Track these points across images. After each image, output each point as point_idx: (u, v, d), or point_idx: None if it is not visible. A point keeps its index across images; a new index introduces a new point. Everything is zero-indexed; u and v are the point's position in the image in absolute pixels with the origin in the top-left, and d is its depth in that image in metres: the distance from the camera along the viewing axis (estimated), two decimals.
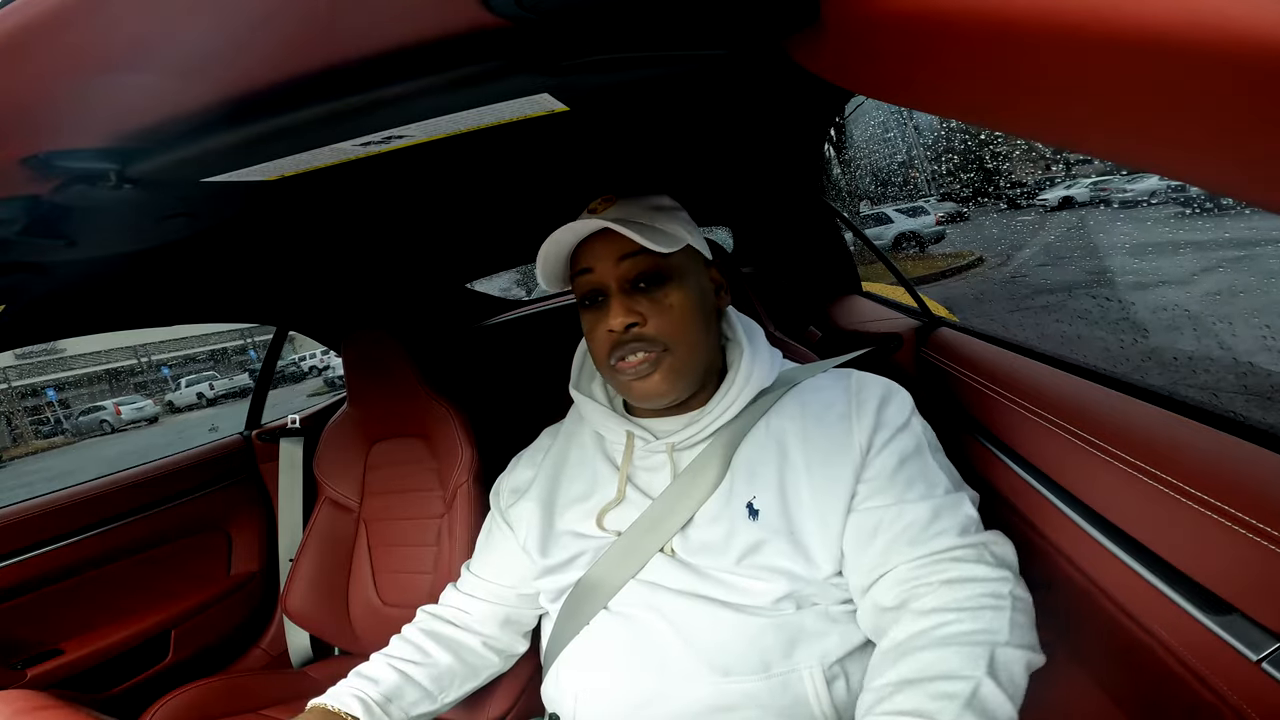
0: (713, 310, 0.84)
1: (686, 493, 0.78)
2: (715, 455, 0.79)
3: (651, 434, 0.84)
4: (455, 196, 1.27)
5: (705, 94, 1.01)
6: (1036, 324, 4.47)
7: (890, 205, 9.20)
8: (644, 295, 0.79)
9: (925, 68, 0.38)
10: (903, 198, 9.34)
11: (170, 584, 1.58)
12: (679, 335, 0.78)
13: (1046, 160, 7.27)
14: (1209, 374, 2.33)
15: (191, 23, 0.43)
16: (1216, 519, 0.57)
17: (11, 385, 23.51)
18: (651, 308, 0.78)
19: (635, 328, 0.78)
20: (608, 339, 0.79)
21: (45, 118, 0.52)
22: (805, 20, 0.49)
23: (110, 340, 24.46)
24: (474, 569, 0.97)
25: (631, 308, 0.77)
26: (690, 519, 0.78)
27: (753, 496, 0.76)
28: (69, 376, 25.12)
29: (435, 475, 1.37)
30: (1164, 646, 0.63)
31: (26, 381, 24.15)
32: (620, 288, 0.79)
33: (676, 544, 0.78)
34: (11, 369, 23.62)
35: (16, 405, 23.47)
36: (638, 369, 0.78)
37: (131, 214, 0.78)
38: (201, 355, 28.51)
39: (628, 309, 0.77)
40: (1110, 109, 0.28)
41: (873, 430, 0.76)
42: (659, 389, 0.79)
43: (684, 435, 0.81)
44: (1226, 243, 4.06)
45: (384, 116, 0.61)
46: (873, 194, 9.89)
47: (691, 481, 0.79)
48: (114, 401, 22.83)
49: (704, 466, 0.79)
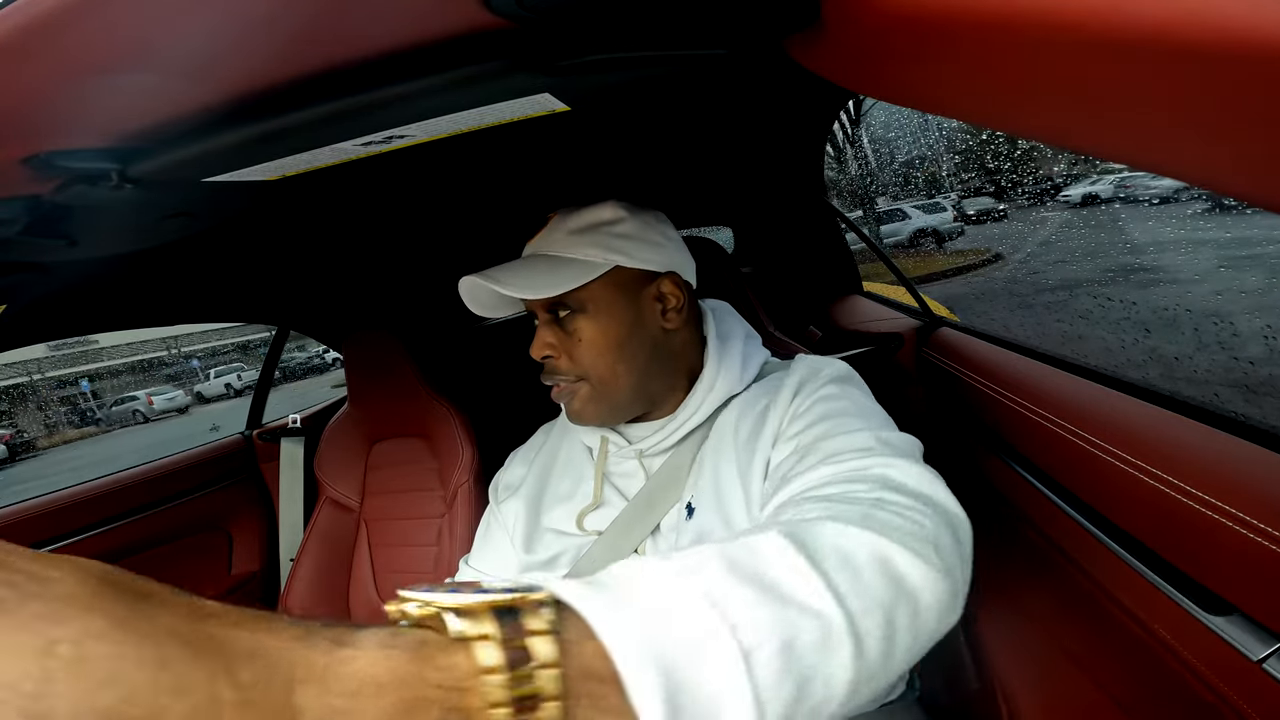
0: (652, 333, 0.81)
1: (655, 499, 0.79)
2: (682, 460, 0.80)
3: (625, 439, 0.85)
4: (456, 196, 1.27)
5: (706, 94, 1.01)
6: (1038, 322, 4.42)
7: (907, 202, 9.09)
8: (560, 326, 0.79)
9: (926, 68, 0.38)
10: (921, 194, 9.21)
11: (171, 583, 1.57)
12: (591, 367, 0.78)
13: (1070, 157, 7.05)
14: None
15: (193, 23, 0.43)
16: (1218, 519, 0.57)
17: (46, 376, 23.73)
18: (565, 340, 0.79)
19: (550, 359, 0.79)
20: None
21: (46, 117, 0.52)
22: (805, 20, 0.49)
23: (142, 332, 24.84)
24: (472, 563, 0.97)
25: (546, 340, 0.79)
26: (657, 526, 0.79)
27: (691, 496, 0.77)
28: (102, 368, 25.33)
29: (436, 475, 1.37)
30: (1165, 646, 0.63)
31: (61, 372, 24.36)
32: (542, 318, 0.80)
33: (648, 548, 0.79)
34: (46, 360, 23.80)
35: (51, 396, 23.65)
36: (560, 396, 0.80)
37: (133, 214, 0.78)
38: (228, 347, 28.80)
39: (542, 341, 0.79)
40: (1111, 110, 0.28)
41: (795, 391, 0.75)
42: (582, 415, 0.80)
43: (653, 440, 0.82)
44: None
45: (385, 116, 0.61)
46: (892, 190, 9.78)
47: (659, 487, 0.80)
48: (146, 392, 23.24)
49: (671, 472, 0.80)
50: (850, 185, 9.69)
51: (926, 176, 9.51)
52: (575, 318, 0.78)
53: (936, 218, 8.42)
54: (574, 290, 0.77)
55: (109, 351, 25.77)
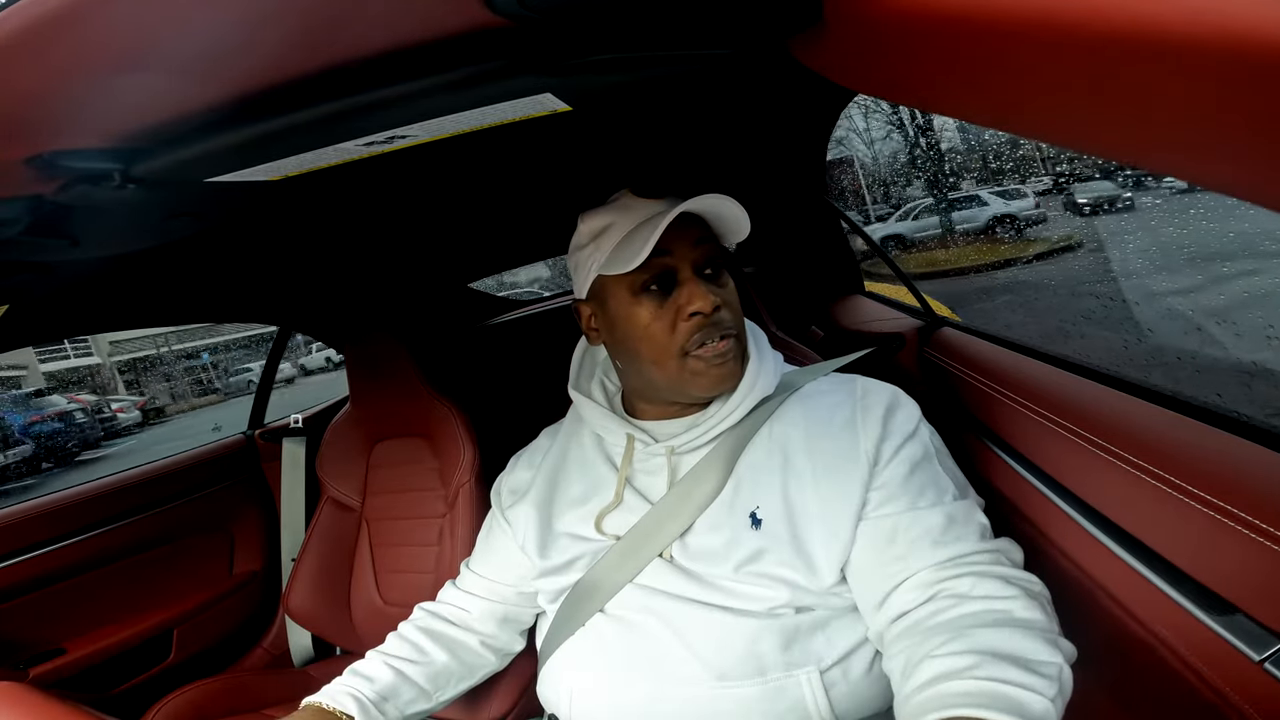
0: None
1: (686, 499, 0.78)
2: (717, 461, 0.78)
3: (651, 436, 0.83)
4: (458, 196, 1.27)
5: (708, 94, 1.01)
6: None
7: (986, 189, 8.62)
8: (712, 282, 0.78)
9: (928, 67, 0.38)
10: (1004, 179, 8.68)
11: (173, 583, 1.58)
12: (740, 322, 0.78)
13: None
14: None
15: (195, 23, 0.43)
16: (1219, 519, 0.57)
17: (172, 349, 24.45)
18: (721, 294, 0.77)
19: (720, 312, 0.76)
20: (690, 324, 0.76)
21: (49, 118, 0.52)
22: (808, 20, 0.49)
23: None
24: (474, 567, 0.97)
25: (712, 290, 0.76)
26: (690, 526, 0.77)
27: (756, 505, 0.75)
28: (219, 341, 26.13)
29: (437, 475, 1.38)
30: (1166, 646, 0.63)
31: (185, 345, 25.02)
32: (695, 272, 0.77)
33: (675, 550, 0.77)
34: (172, 334, 24.47)
35: (176, 366, 24.58)
36: (724, 354, 0.76)
37: (135, 214, 0.78)
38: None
39: (711, 290, 0.75)
40: (1114, 109, 0.28)
41: (880, 439, 0.75)
42: (736, 374, 0.78)
43: (685, 439, 0.80)
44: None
45: (387, 116, 0.61)
46: (976, 175, 9.34)
47: (692, 487, 0.78)
48: (259, 364, 23.61)
49: (705, 472, 0.78)
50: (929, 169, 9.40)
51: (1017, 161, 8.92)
52: (723, 273, 0.77)
53: (1015, 204, 7.73)
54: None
55: (228, 328, 26.42)
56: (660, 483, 0.81)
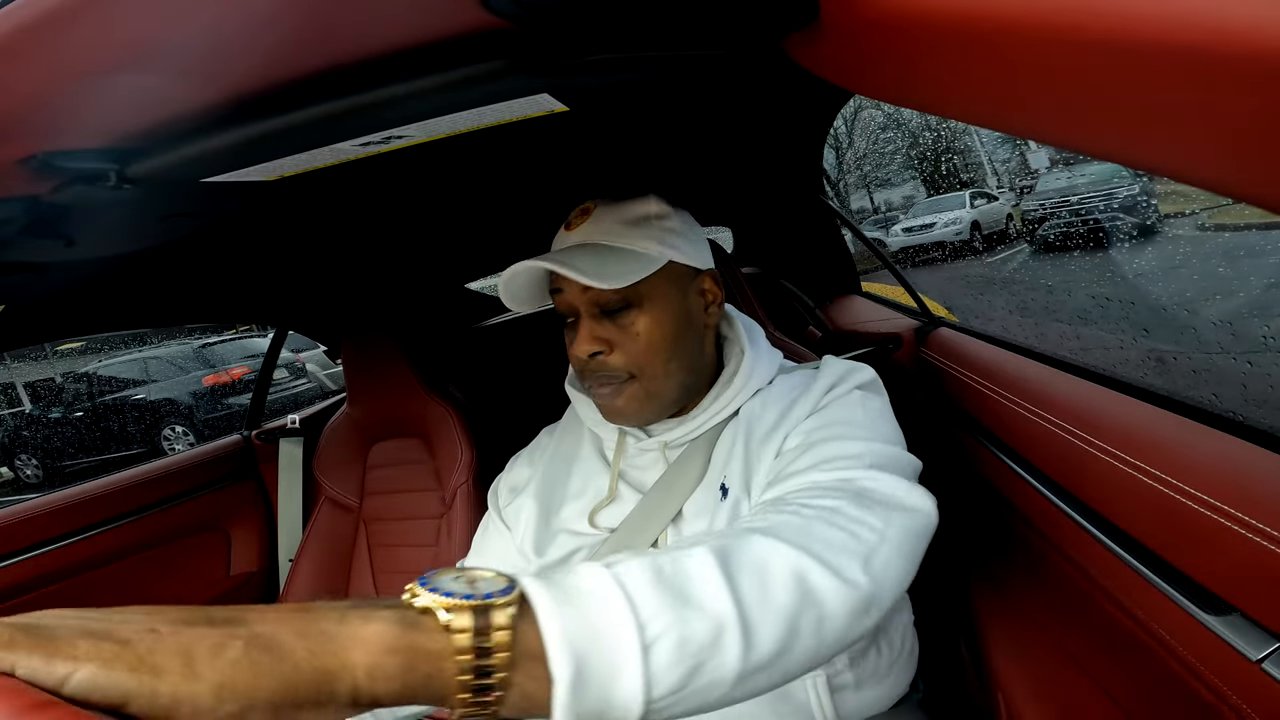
0: (698, 329, 0.81)
1: (672, 487, 0.78)
2: (701, 449, 0.79)
3: (645, 432, 0.84)
4: (455, 197, 1.27)
5: (705, 94, 1.01)
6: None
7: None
8: (611, 321, 0.77)
9: (924, 68, 0.38)
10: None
11: (170, 584, 1.58)
12: (645, 363, 0.76)
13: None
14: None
15: (191, 23, 0.43)
16: (1217, 519, 0.57)
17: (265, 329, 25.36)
18: (618, 335, 0.76)
19: (599, 356, 0.76)
20: (577, 362, 0.79)
21: (44, 118, 0.52)
22: (804, 20, 0.49)
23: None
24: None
25: (597, 335, 0.76)
26: (679, 513, 0.77)
27: (724, 477, 0.76)
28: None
29: (434, 475, 1.37)
30: (1164, 646, 0.63)
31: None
32: (589, 311, 0.77)
33: (670, 539, 0.77)
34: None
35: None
36: (602, 395, 0.78)
37: (131, 214, 0.78)
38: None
39: (593, 336, 0.76)
40: (1111, 110, 0.28)
41: (825, 390, 0.76)
42: (624, 413, 0.78)
43: (678, 433, 0.81)
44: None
45: (384, 117, 0.61)
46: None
47: (675, 477, 0.79)
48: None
49: (688, 462, 0.79)
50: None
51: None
52: (631, 312, 0.76)
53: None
54: (635, 283, 0.75)
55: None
56: (652, 476, 0.81)
